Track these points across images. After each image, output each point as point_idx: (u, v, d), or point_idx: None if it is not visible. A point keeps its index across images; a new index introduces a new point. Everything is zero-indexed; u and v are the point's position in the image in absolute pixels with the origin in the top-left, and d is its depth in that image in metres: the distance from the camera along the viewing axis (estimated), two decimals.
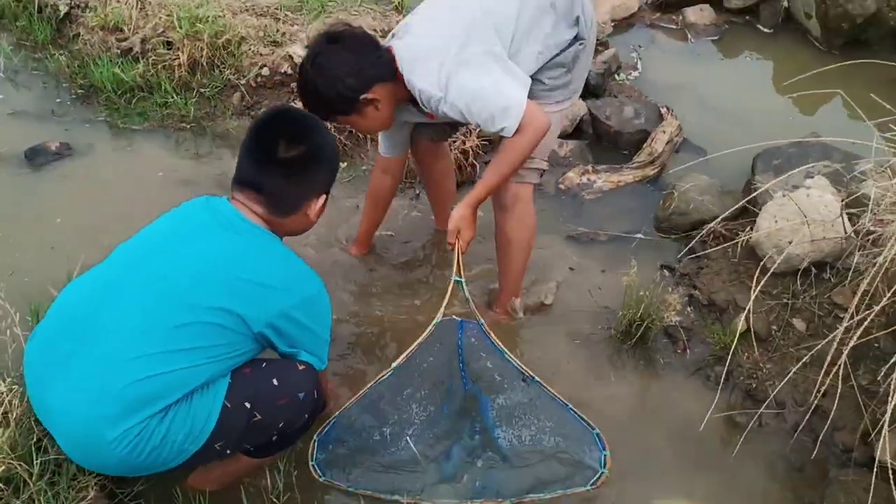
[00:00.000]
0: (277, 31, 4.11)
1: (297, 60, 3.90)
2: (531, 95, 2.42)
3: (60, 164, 3.61)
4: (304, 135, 2.06)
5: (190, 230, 2.02)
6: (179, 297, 1.90)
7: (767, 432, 2.55)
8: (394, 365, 2.32)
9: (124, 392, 1.83)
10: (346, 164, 3.72)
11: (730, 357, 2.45)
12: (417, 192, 3.60)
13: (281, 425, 2.04)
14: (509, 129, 2.35)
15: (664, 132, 3.82)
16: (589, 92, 4.22)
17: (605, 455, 1.97)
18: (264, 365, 2.04)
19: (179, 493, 2.24)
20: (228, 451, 2.02)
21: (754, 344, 2.64)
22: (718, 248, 3.01)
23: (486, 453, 2.37)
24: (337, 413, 2.32)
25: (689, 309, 2.95)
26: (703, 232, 3.13)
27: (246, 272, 1.94)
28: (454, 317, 2.46)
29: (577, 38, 2.52)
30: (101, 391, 1.84)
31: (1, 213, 3.33)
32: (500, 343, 2.38)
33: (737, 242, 2.95)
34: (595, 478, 1.96)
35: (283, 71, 3.96)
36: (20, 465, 2.02)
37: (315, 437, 2.22)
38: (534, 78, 2.48)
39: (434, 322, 2.39)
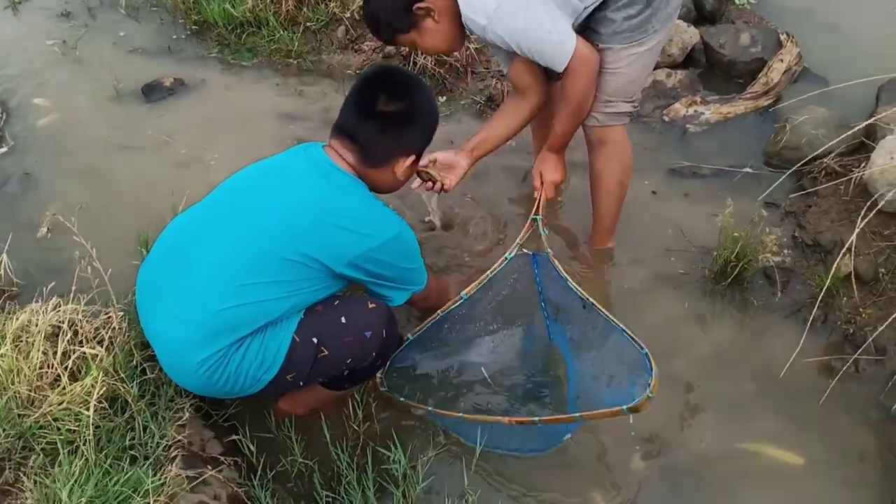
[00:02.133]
0: None
1: None
2: (614, 41, 2.35)
3: (174, 98, 3.77)
4: (406, 93, 2.12)
5: (282, 174, 2.13)
6: (265, 235, 2.00)
7: (863, 379, 2.43)
8: (463, 293, 2.36)
9: (210, 320, 1.98)
10: (444, 98, 3.70)
11: (820, 297, 2.32)
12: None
13: (349, 361, 2.11)
14: (559, 67, 2.32)
15: (782, 60, 3.59)
16: (704, 17, 4.01)
17: (651, 377, 1.89)
18: (336, 303, 2.12)
19: (271, 416, 2.37)
20: (302, 384, 2.12)
21: (854, 285, 2.47)
22: (829, 184, 2.83)
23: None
24: (410, 336, 2.38)
25: (787, 250, 2.80)
26: (815, 167, 2.95)
27: (330, 215, 2.02)
28: (525, 250, 2.46)
29: None
30: (190, 319, 2.00)
31: (117, 145, 3.52)
32: (563, 270, 2.34)
33: (850, 179, 2.77)
34: (638, 398, 1.85)
35: None
36: (122, 385, 2.18)
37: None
38: (609, 17, 2.34)
39: (507, 255, 2.41)
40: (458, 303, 2.38)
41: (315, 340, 2.04)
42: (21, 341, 2.22)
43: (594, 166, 2.67)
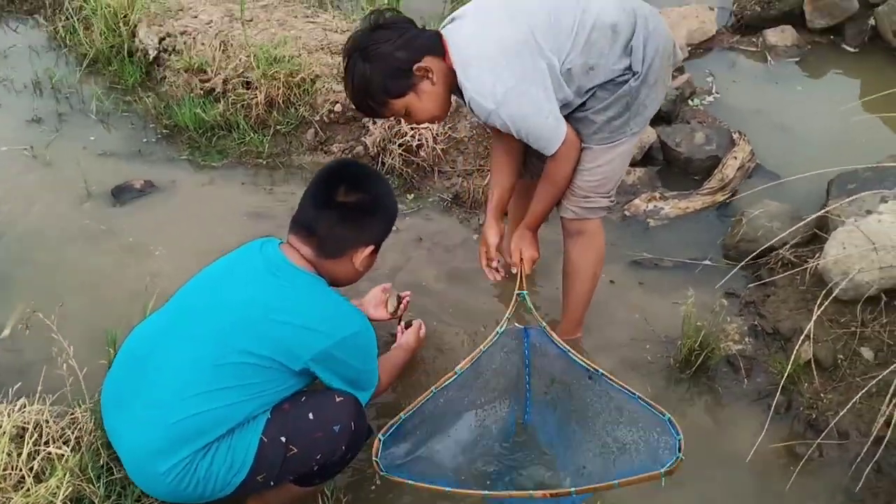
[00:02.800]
0: None
1: None
2: (593, 142, 2.47)
3: (144, 199, 3.81)
4: (365, 184, 2.16)
5: (239, 276, 2.13)
6: (222, 340, 2.01)
7: (827, 463, 2.47)
8: (457, 369, 2.33)
9: (170, 430, 1.97)
10: (412, 195, 3.79)
11: (782, 384, 2.37)
12: (481, 220, 3.63)
13: (319, 457, 2.09)
14: (550, 150, 2.42)
15: (735, 157, 3.75)
16: (660, 118, 4.18)
17: (679, 440, 1.90)
18: (303, 399, 2.11)
19: None
20: (272, 483, 2.10)
21: (814, 371, 2.55)
22: (786, 274, 2.93)
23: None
24: (402, 414, 2.30)
25: (748, 339, 2.88)
26: (771, 258, 3.05)
27: (284, 314, 2.02)
28: (517, 324, 2.49)
29: (630, 70, 2.38)
30: (151, 429, 2.00)
31: (85, 248, 3.54)
32: (562, 343, 2.36)
33: (805, 269, 2.86)
34: (671, 461, 1.87)
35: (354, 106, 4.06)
36: (88, 486, 2.14)
37: (380, 435, 2.20)
38: (590, 118, 2.44)
39: (498, 329, 2.43)
40: (451, 378, 2.33)
41: (283, 439, 2.03)
42: None
43: (570, 256, 2.75)
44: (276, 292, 2.06)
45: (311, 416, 2.07)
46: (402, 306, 2.84)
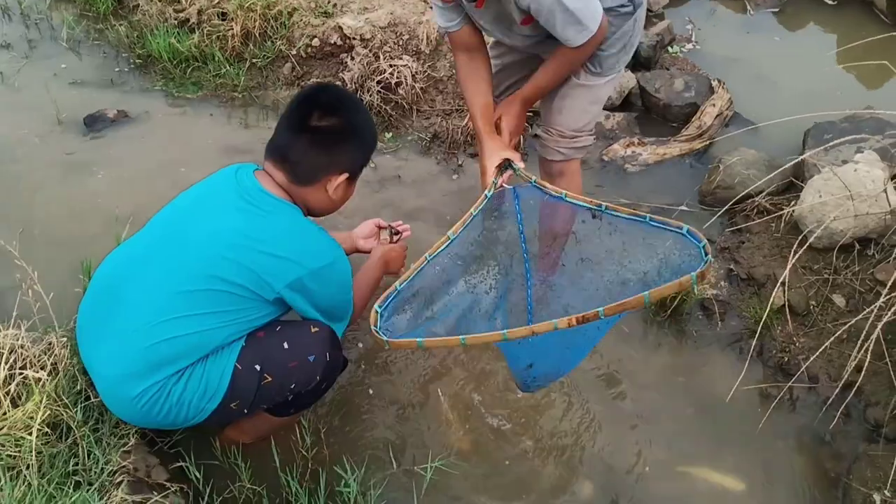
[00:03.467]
0: (329, 1, 4.16)
1: (347, 31, 3.95)
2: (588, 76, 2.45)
3: (117, 129, 3.74)
4: (340, 109, 2.08)
5: (213, 202, 2.07)
6: (195, 266, 1.97)
7: (798, 406, 2.54)
8: (449, 233, 2.17)
9: (144, 354, 1.96)
10: (390, 134, 3.76)
11: (759, 329, 2.43)
12: (460, 161, 3.63)
13: (293, 386, 2.09)
14: (581, 40, 2.26)
15: (714, 105, 3.76)
16: (639, 63, 4.18)
17: (702, 245, 1.80)
18: (278, 328, 2.10)
19: (216, 444, 2.34)
20: (246, 411, 2.10)
21: (788, 317, 2.59)
22: (761, 221, 2.96)
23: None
24: (397, 283, 2.10)
25: (722, 283, 2.91)
26: (747, 205, 3.08)
27: (256, 242, 1.98)
28: (505, 185, 2.33)
29: (631, 2, 2.37)
30: (122, 354, 1.98)
31: (57, 176, 3.47)
32: (556, 189, 2.20)
33: (780, 216, 2.90)
34: (701, 265, 1.76)
35: (332, 42, 4.00)
36: (66, 411, 2.13)
37: (376, 307, 2.02)
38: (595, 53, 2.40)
39: (486, 193, 2.28)
40: (445, 244, 2.17)
41: (258, 367, 2.02)
42: None
43: None
44: (249, 220, 2.00)
45: (285, 345, 2.06)
46: (400, 238, 2.70)
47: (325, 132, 2.05)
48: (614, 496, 2.34)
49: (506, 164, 2.37)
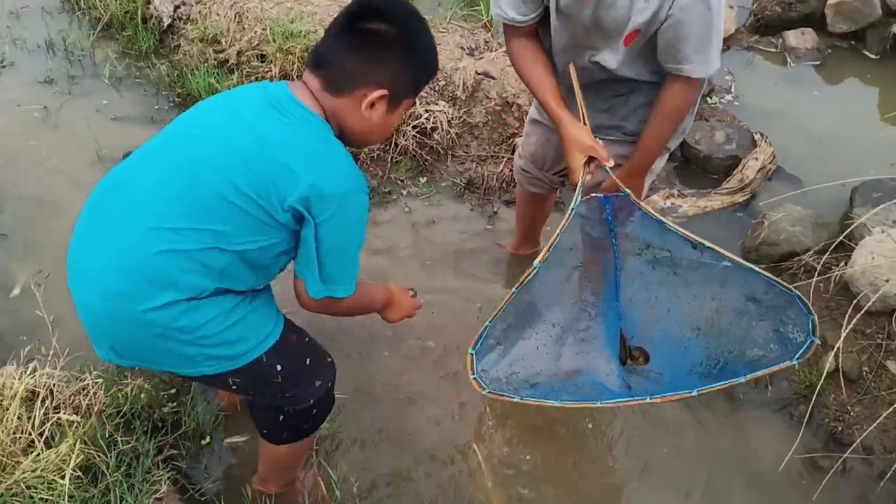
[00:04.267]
0: None
1: None
2: None
3: None
4: (397, 16, 1.80)
5: (233, 106, 1.84)
6: (209, 175, 1.75)
7: (851, 478, 2.44)
8: (536, 262, 2.00)
9: (148, 262, 1.75)
10: (424, 178, 3.74)
11: (815, 397, 2.34)
12: (496, 208, 3.59)
13: (288, 395, 2.01)
14: (703, 73, 2.11)
15: (756, 159, 3.71)
16: None
17: (812, 319, 1.72)
18: (307, 340, 2.06)
19: (248, 493, 2.29)
20: (235, 390, 2.01)
21: (842, 384, 2.51)
22: (809, 281, 2.89)
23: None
24: (488, 322, 2.06)
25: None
26: (794, 263, 3.01)
27: (275, 151, 1.74)
28: (595, 194, 2.13)
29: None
30: (125, 257, 1.77)
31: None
32: (653, 212, 2.04)
33: (830, 277, 2.83)
34: (804, 347, 1.72)
35: None
36: (99, 455, 2.09)
37: (470, 350, 2.01)
38: None
39: (572, 206, 2.04)
40: (531, 274, 2.01)
41: (279, 367, 1.95)
42: None
43: None
44: (272, 126, 1.77)
45: (307, 360, 2.03)
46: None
47: (372, 35, 1.78)
48: None
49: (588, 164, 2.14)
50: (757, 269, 1.88)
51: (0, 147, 3.80)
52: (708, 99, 4.32)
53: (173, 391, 2.56)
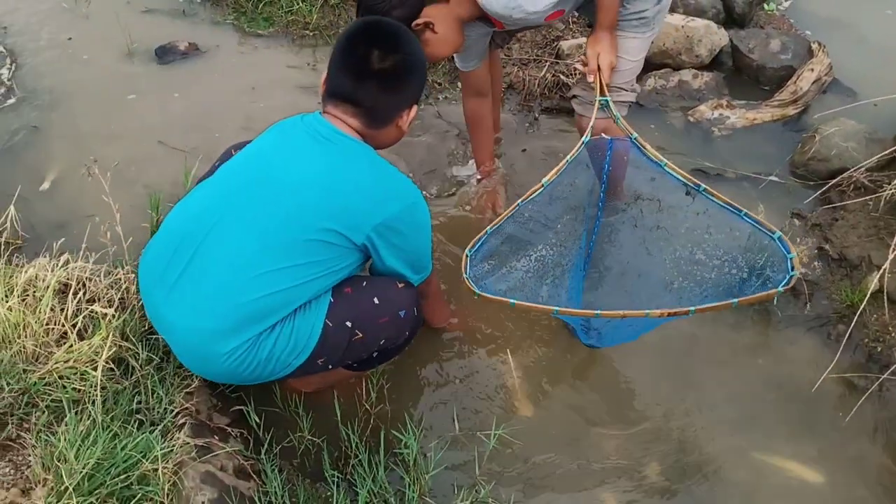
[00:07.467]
0: None
1: None
2: (622, 28, 2.50)
3: (188, 62, 3.69)
4: (398, 45, 2.00)
5: (290, 148, 2.00)
6: (285, 219, 1.91)
7: (888, 399, 2.38)
8: (544, 180, 2.17)
9: (234, 311, 1.89)
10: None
11: (857, 316, 2.26)
12: (536, 114, 3.49)
13: (382, 342, 2.07)
14: None
15: (812, 70, 3.54)
16: (733, 20, 3.97)
17: (791, 258, 1.82)
18: (364, 284, 2.05)
19: (277, 391, 2.29)
20: (331, 366, 2.06)
21: (885, 305, 2.43)
22: (859, 199, 2.78)
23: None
24: (488, 228, 2.16)
25: (814, 262, 2.74)
26: (843, 180, 2.90)
27: (343, 184, 1.93)
28: (603, 135, 2.30)
29: None
30: (211, 311, 1.90)
31: (128, 103, 3.44)
32: (656, 154, 2.18)
33: (880, 196, 2.72)
34: (785, 280, 1.79)
35: None
36: (131, 348, 2.10)
37: (467, 251, 2.08)
38: (623, 5, 2.46)
39: (583, 140, 2.28)
40: (538, 191, 2.17)
41: (349, 324, 1.98)
42: (28, 295, 2.13)
43: None
44: (333, 162, 1.95)
45: (375, 300, 2.02)
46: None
47: (391, 72, 1.98)
48: (684, 478, 2.23)
49: (603, 102, 2.39)
50: (744, 210, 2.00)
51: (30, 39, 3.75)
52: (765, 4, 4.12)
53: None
